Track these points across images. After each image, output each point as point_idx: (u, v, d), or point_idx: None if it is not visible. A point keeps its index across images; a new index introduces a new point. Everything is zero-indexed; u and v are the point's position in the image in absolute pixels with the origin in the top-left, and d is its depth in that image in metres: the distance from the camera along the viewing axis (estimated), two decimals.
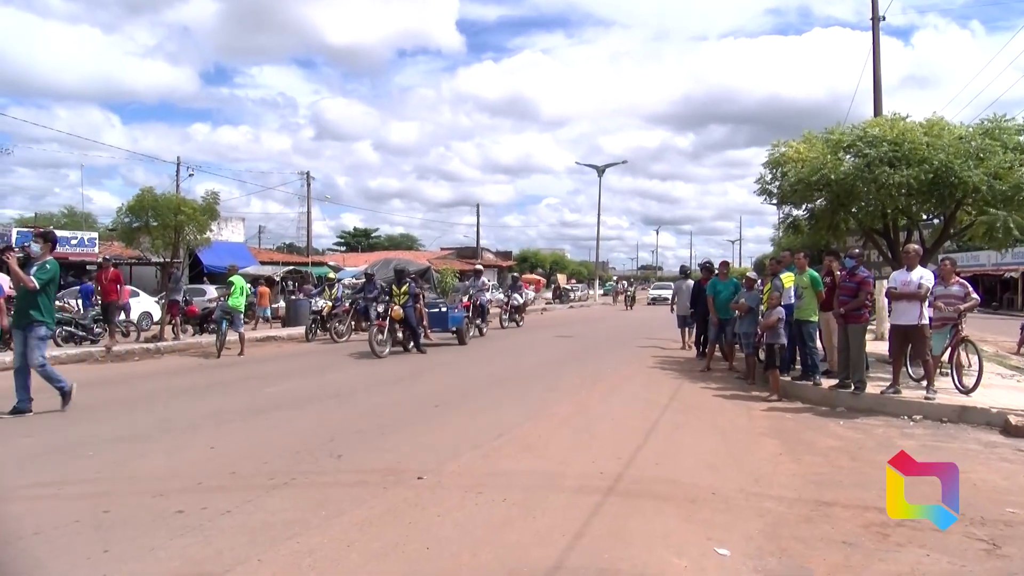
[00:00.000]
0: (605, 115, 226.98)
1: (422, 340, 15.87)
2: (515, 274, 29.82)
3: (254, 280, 23.84)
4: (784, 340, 9.82)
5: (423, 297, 16.61)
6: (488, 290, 20.63)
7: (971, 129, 11.01)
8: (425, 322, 16.56)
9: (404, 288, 15.35)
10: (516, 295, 24.69)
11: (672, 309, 18.63)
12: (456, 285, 25.50)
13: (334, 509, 4.77)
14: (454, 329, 17.69)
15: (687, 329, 17.37)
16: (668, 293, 44.76)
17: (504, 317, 23.78)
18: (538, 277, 63.26)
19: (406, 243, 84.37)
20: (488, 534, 4.37)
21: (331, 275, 33.36)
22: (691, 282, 17.43)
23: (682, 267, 22.15)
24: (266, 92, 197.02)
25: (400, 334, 15.40)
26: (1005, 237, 10.42)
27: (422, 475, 5.61)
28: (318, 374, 12.09)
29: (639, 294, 54.68)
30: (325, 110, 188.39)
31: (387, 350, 14.68)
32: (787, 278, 10.36)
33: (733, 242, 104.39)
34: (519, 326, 24.10)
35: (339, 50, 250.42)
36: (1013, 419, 7.52)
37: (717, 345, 13.61)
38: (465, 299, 19.39)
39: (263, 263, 37.36)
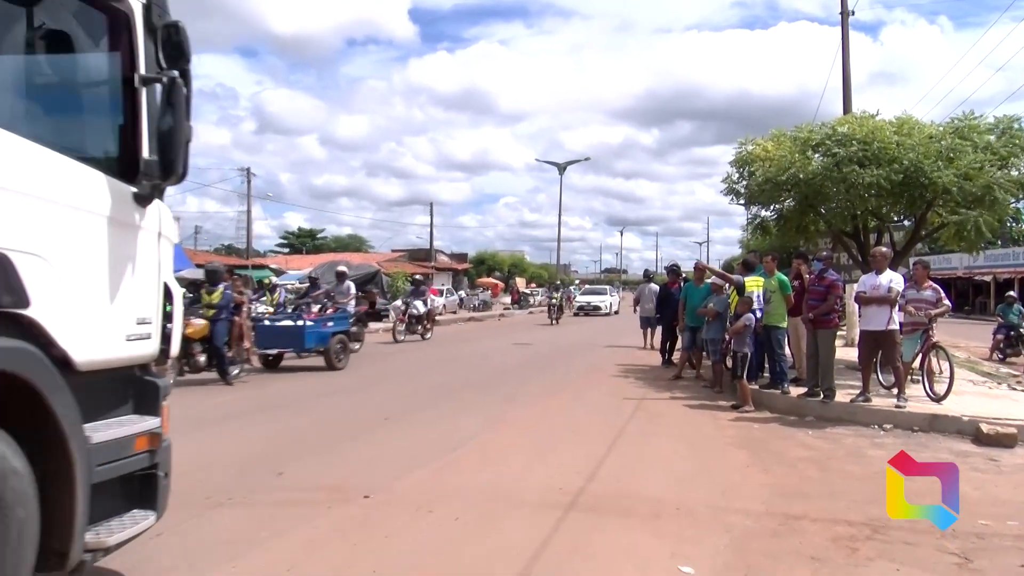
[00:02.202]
0: (566, 109, 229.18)
1: (244, 367, 12.37)
2: (418, 277, 28.03)
3: (189, 284, 23.28)
4: (749, 349, 9.88)
5: (248, 306, 13.25)
6: (354, 297, 16.54)
7: (941, 128, 11.31)
8: (248, 343, 12.59)
9: (217, 295, 11.60)
10: (417, 303, 21.71)
11: (635, 311, 18.97)
12: (408, 290, 25.00)
13: (276, 529, 4.71)
14: (320, 349, 13.82)
15: (650, 330, 17.69)
16: (600, 300, 40.96)
17: (399, 329, 20.60)
18: (496, 281, 63.28)
19: (354, 244, 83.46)
20: (440, 555, 4.35)
21: (272, 279, 32.92)
22: (655, 285, 17.76)
23: (646, 271, 22.55)
24: (204, 82, 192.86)
25: (201, 357, 11.40)
26: (977, 238, 10.71)
27: (370, 493, 5.56)
28: (260, 385, 11.89)
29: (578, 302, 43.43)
30: (268, 102, 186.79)
31: (169, 380, 10.80)
32: (754, 282, 10.41)
33: (700, 244, 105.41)
34: (424, 339, 21.17)
35: (284, 39, 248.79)
36: (985, 427, 7.68)
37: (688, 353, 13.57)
38: (316, 309, 15.67)
39: (199, 266, 36.61)
